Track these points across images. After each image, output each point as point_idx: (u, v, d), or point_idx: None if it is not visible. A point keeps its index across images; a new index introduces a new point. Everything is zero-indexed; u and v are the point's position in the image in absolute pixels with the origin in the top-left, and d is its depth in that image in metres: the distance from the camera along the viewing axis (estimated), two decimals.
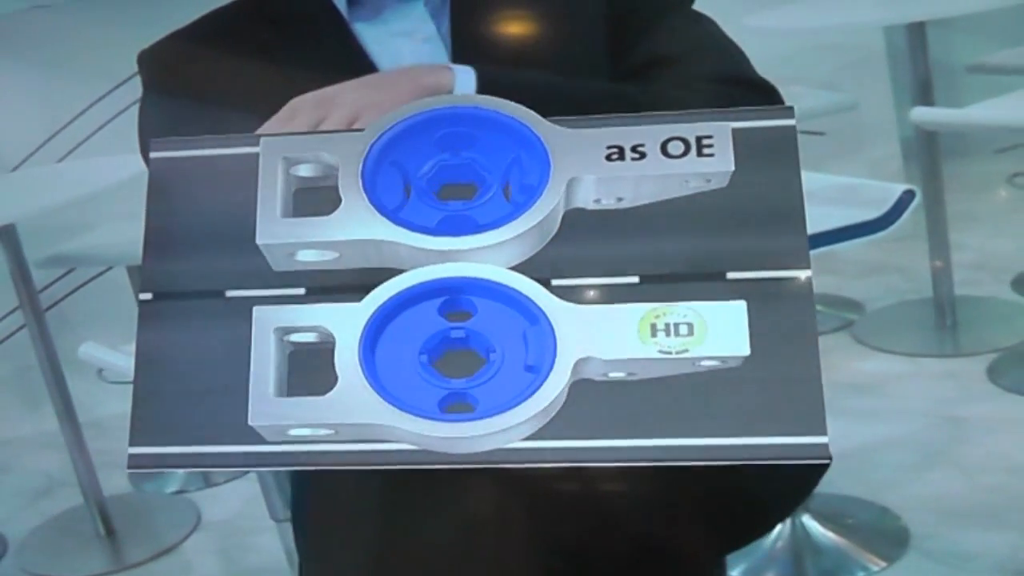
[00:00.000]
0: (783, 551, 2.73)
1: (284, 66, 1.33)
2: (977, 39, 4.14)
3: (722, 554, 1.56)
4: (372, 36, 1.38)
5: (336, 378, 0.96)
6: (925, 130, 3.34)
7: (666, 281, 0.98)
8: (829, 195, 2.78)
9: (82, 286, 3.95)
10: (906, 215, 2.52)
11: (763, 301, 0.96)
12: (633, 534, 1.41)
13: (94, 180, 3.16)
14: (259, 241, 0.99)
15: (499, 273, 0.99)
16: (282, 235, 0.99)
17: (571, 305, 0.97)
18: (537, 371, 0.95)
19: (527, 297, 0.98)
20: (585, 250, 0.99)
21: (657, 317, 0.95)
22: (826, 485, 2.86)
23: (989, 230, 4.14)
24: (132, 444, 0.97)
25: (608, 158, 0.99)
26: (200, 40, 1.40)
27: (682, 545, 1.45)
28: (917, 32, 3.45)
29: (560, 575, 1.39)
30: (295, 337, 0.98)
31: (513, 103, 1.03)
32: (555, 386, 0.95)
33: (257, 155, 1.02)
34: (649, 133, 1.00)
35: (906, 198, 2.53)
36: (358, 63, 1.35)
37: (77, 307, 3.93)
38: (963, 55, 4.02)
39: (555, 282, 0.98)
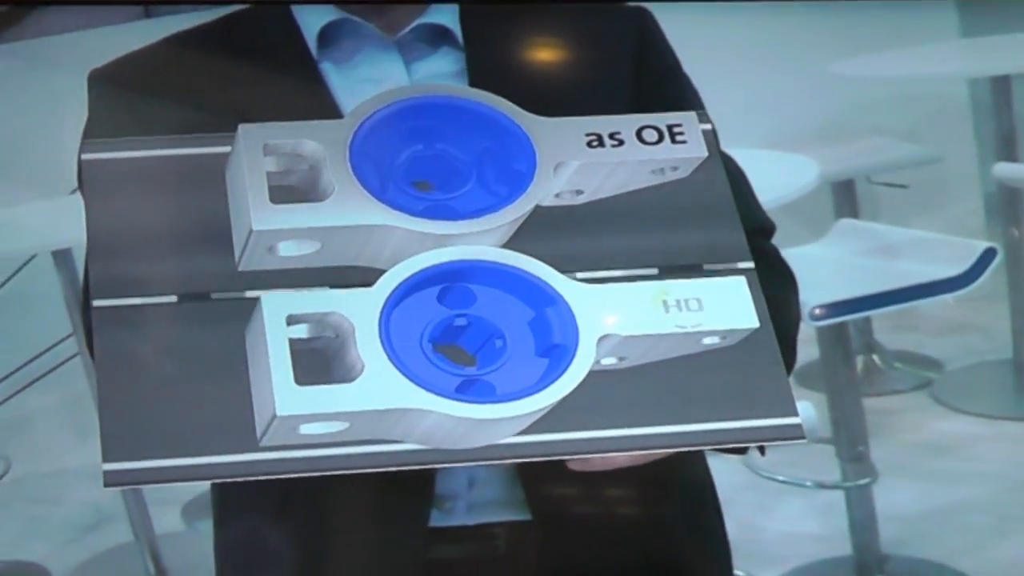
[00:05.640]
0: None
1: (243, 100, 1.30)
2: None
3: None
4: (339, 80, 1.37)
5: (348, 368, 0.95)
6: (1008, 186, 3.37)
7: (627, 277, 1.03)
8: (910, 251, 2.82)
9: None
10: (987, 273, 2.55)
11: None
12: None
13: None
14: (255, 227, 0.98)
15: (509, 256, 1.02)
16: (277, 221, 0.98)
17: (585, 285, 1.01)
18: (561, 353, 0.98)
19: (540, 279, 1.01)
20: (546, 247, 1.03)
21: (667, 294, 1.00)
22: (902, 547, 2.90)
23: None
24: (106, 460, 0.94)
25: (589, 145, 1.04)
26: (158, 64, 1.39)
27: None
28: (1002, 85, 3.48)
29: None
30: (292, 332, 0.96)
31: (489, 93, 1.07)
32: (582, 367, 0.98)
33: (190, 156, 1.04)
34: (623, 122, 1.06)
35: (988, 256, 2.56)
36: (321, 105, 1.34)
37: None
38: None
39: None
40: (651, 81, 1.38)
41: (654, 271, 1.04)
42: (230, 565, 1.45)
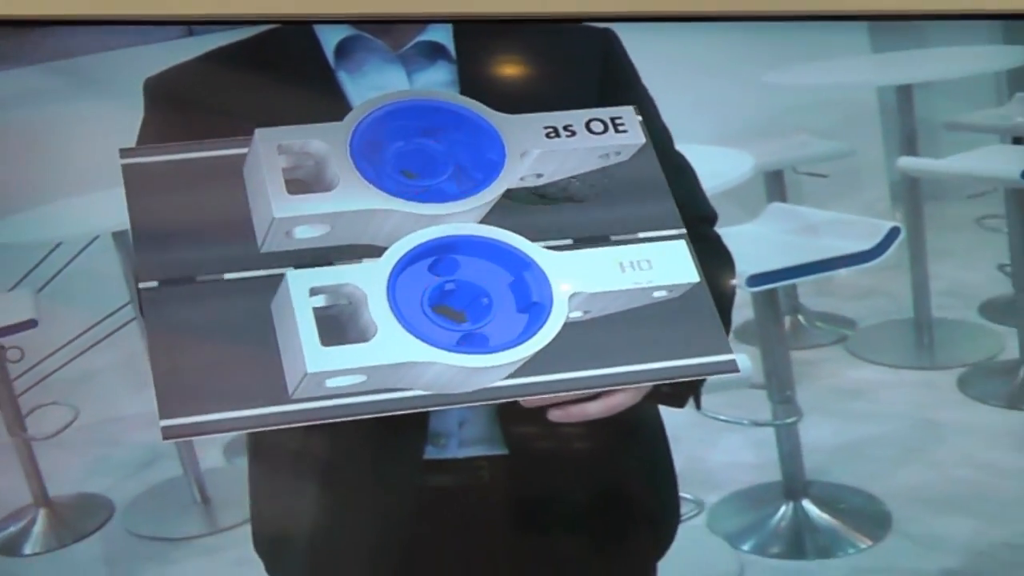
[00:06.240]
0: (786, 530, 2.82)
1: (272, 104, 1.32)
2: (955, 101, 4.15)
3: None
4: (352, 87, 1.38)
5: (363, 330, 0.98)
6: (909, 176, 3.40)
7: (588, 244, 1.06)
8: (829, 229, 2.83)
9: None
10: (892, 248, 2.57)
11: None
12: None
13: None
14: (276, 215, 1.01)
15: (490, 230, 1.04)
16: (295, 209, 1.02)
17: (554, 252, 1.03)
18: (539, 309, 1.00)
19: (517, 247, 1.02)
20: (515, 221, 1.05)
21: (622, 257, 1.02)
22: (823, 474, 2.93)
23: (960, 263, 4.15)
24: (163, 417, 0.97)
25: (547, 135, 1.06)
26: (203, 74, 1.41)
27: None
28: (905, 93, 3.52)
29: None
30: (313, 301, 0.98)
31: (464, 97, 1.08)
32: (558, 320, 1.00)
33: (217, 158, 1.05)
34: (574, 116, 1.08)
35: (893, 233, 2.60)
36: (338, 108, 1.31)
37: None
38: (943, 113, 4.03)
39: None
40: (614, 91, 1.40)
41: (603, 238, 1.06)
42: (261, 493, 1.48)
